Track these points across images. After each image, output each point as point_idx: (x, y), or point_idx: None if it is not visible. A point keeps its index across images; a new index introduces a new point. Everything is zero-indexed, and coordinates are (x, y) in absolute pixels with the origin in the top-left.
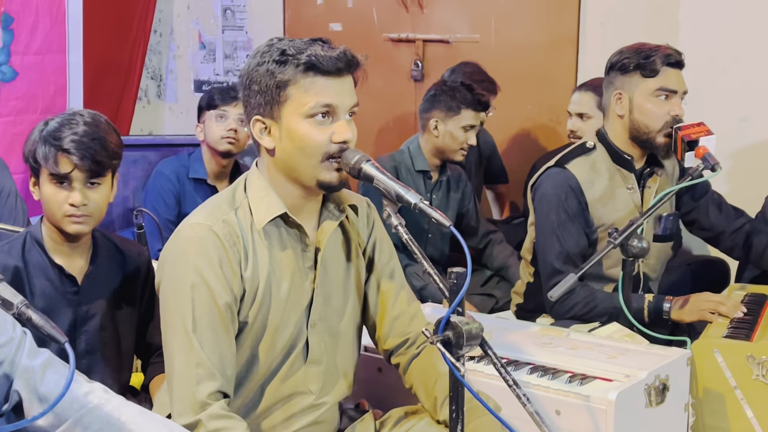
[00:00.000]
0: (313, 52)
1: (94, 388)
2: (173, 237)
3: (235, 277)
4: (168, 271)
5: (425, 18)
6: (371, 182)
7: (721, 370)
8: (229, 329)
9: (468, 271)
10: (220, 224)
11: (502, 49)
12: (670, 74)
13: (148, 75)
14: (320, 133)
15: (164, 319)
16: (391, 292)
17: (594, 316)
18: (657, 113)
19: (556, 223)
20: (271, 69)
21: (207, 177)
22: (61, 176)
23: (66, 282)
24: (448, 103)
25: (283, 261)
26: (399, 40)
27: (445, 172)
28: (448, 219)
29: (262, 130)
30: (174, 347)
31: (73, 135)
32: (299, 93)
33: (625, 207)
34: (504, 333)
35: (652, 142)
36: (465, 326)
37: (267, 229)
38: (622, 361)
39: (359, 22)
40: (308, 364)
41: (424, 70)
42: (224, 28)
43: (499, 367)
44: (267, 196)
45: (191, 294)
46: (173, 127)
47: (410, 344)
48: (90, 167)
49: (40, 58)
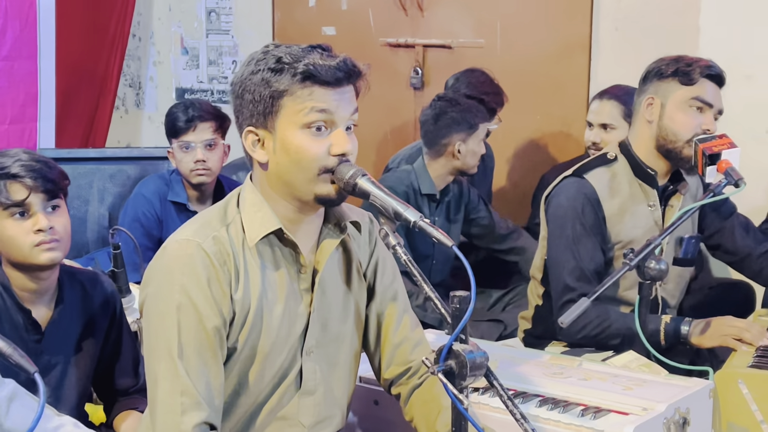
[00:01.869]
0: (312, 61)
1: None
2: (159, 254)
3: (225, 299)
4: (153, 290)
5: (425, 21)
6: (367, 198)
7: (746, 402)
8: (217, 355)
9: (472, 295)
10: (210, 241)
11: (508, 56)
12: (708, 87)
13: (126, 82)
14: (317, 144)
15: (147, 342)
16: (393, 317)
17: (607, 337)
18: (688, 123)
19: (571, 237)
20: (266, 78)
21: (187, 201)
22: (17, 204)
23: (30, 329)
24: (469, 121)
25: (277, 282)
26: (397, 45)
27: (448, 193)
28: (450, 239)
29: (254, 143)
30: (158, 373)
31: (18, 161)
32: (295, 103)
33: (644, 224)
34: (511, 362)
35: (678, 154)
36: (469, 355)
37: (260, 247)
38: (638, 392)
39: (354, 25)
40: (301, 394)
41: (425, 77)
42: (208, 32)
43: (505, 399)
44: (261, 211)
45: (177, 316)
46: (152, 138)
47: (412, 373)
48: (46, 187)
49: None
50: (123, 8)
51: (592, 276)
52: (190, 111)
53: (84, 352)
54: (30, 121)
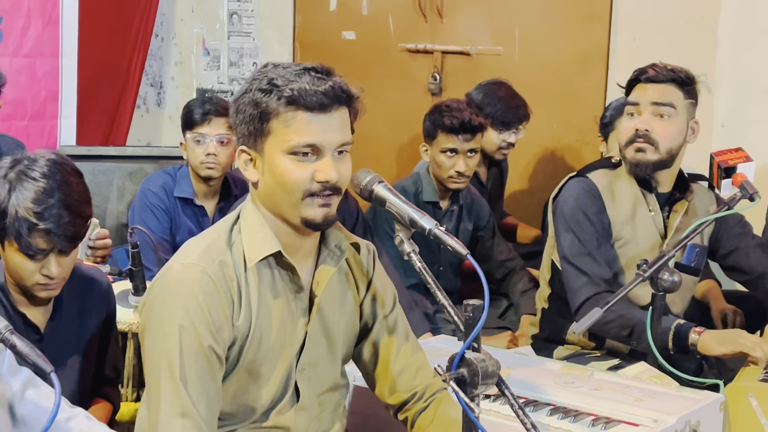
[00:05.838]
0: (299, 86)
1: (76, 414)
2: (162, 275)
3: (226, 324)
4: (156, 311)
5: (445, 28)
6: (383, 205)
7: (756, 416)
8: (217, 377)
9: (485, 304)
10: (216, 267)
11: (526, 64)
12: (638, 90)
13: (147, 82)
14: (301, 170)
15: (148, 362)
16: (392, 345)
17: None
18: (624, 130)
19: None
20: (256, 98)
21: (194, 197)
22: (33, 253)
23: (29, 331)
24: (427, 127)
25: (274, 304)
26: (416, 50)
27: (457, 201)
28: (465, 247)
29: (246, 162)
30: (159, 394)
31: (50, 210)
32: (281, 127)
33: (644, 227)
34: (523, 370)
35: (625, 158)
36: (481, 363)
37: (259, 268)
38: (649, 404)
39: (374, 30)
40: (297, 410)
41: (442, 83)
42: (230, 34)
43: (516, 408)
44: (261, 232)
45: (179, 338)
46: (173, 137)
47: (417, 398)
48: (69, 245)
49: (31, 62)
50: (146, 9)
51: (605, 272)
52: (206, 105)
53: (82, 349)
54: (51, 118)
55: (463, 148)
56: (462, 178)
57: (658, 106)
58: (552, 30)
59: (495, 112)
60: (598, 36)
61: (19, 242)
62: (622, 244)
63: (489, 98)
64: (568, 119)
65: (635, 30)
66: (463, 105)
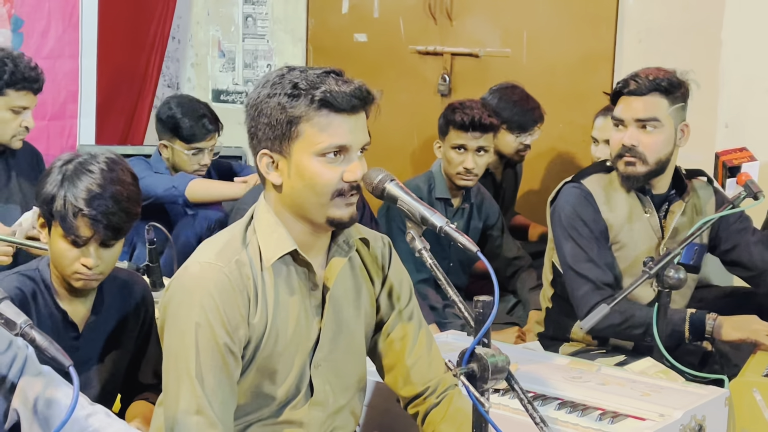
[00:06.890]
0: (328, 88)
1: (96, 410)
2: (180, 274)
3: (242, 323)
4: (173, 309)
5: (454, 30)
6: (395, 203)
7: (760, 410)
8: (233, 375)
9: (495, 300)
10: (233, 266)
11: (534, 65)
12: (621, 104)
13: (164, 83)
14: (331, 171)
15: (167, 360)
16: (408, 338)
17: (630, 327)
18: (612, 142)
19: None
20: (282, 103)
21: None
22: (76, 238)
23: (68, 327)
24: (441, 124)
25: (290, 302)
26: (426, 52)
27: (469, 199)
28: (475, 244)
29: (269, 165)
30: (176, 391)
31: (99, 200)
32: (312, 130)
33: (641, 230)
34: (531, 365)
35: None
36: (491, 359)
37: (275, 267)
38: (656, 399)
39: (385, 33)
40: (311, 405)
41: (452, 84)
42: (245, 37)
43: (525, 402)
44: (276, 232)
45: (195, 336)
46: None
47: (430, 393)
48: (111, 235)
49: (51, 63)
50: (163, 12)
51: (607, 275)
52: (208, 124)
53: (117, 352)
54: (70, 117)
55: (472, 146)
56: (470, 175)
57: (641, 122)
58: (559, 32)
59: (511, 116)
60: (604, 38)
61: (63, 225)
62: (619, 248)
63: (504, 103)
64: (574, 120)
65: (641, 32)
66: (477, 104)
